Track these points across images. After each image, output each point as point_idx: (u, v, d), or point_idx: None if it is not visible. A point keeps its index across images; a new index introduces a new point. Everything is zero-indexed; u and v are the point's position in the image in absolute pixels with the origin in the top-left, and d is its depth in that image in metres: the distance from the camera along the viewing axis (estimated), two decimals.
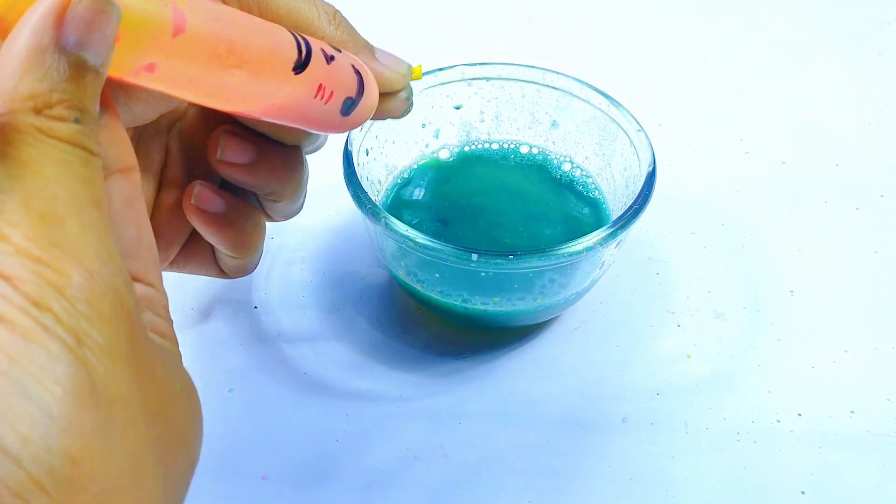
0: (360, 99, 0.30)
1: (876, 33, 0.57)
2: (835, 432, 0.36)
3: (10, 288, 0.16)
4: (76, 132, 0.18)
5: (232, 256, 0.33)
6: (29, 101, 0.17)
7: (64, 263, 0.17)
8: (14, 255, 0.16)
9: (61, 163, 0.18)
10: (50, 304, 0.16)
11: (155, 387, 0.19)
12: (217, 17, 0.23)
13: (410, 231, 0.34)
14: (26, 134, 0.17)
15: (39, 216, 0.17)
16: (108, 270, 0.18)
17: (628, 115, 0.39)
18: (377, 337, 0.39)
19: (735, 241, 0.44)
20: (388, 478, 0.34)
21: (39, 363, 0.16)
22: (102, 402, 0.17)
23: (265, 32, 0.25)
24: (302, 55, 0.26)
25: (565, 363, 0.39)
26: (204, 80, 0.23)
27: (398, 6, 0.60)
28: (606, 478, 0.34)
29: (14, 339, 0.16)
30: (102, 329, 0.17)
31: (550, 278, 0.35)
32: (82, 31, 0.18)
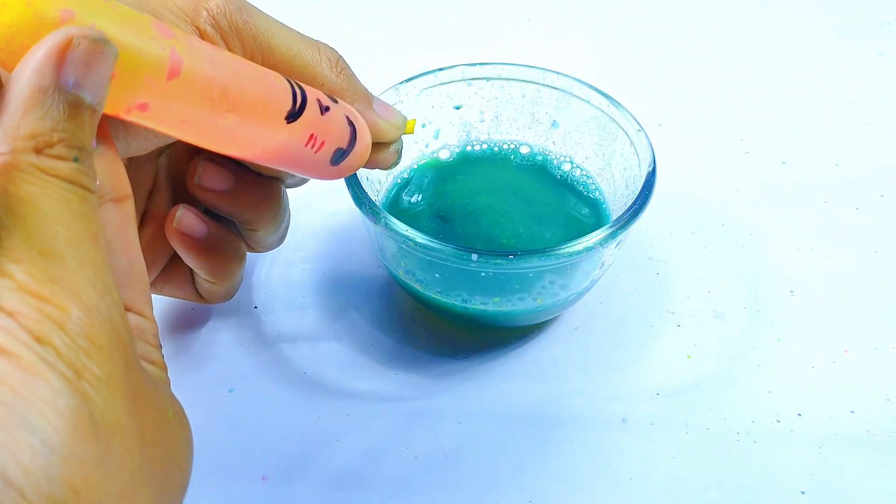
0: (351, 150, 0.30)
1: (876, 33, 0.57)
2: (835, 432, 0.36)
3: (13, 323, 0.17)
4: (75, 171, 0.18)
5: (210, 282, 0.33)
6: (31, 140, 0.18)
7: (64, 299, 0.17)
8: (17, 291, 0.17)
9: (61, 200, 0.18)
10: (51, 339, 0.17)
11: (149, 414, 0.20)
12: (214, 62, 0.23)
13: (410, 231, 0.34)
14: (27, 173, 0.18)
15: (40, 253, 0.17)
16: (105, 304, 0.18)
17: (628, 115, 0.39)
18: (377, 337, 0.39)
19: (735, 241, 0.44)
20: (389, 478, 0.34)
21: (42, 396, 0.16)
22: (101, 432, 0.17)
23: (261, 80, 0.25)
24: (296, 105, 0.27)
25: (565, 363, 0.39)
26: (196, 122, 0.23)
27: (398, 6, 0.60)
28: (606, 478, 0.34)
29: (17, 372, 0.16)
30: (100, 362, 0.18)
31: (550, 278, 0.35)
32: (81, 71, 0.18)
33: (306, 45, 0.29)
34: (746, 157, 0.49)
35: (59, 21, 0.18)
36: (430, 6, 0.60)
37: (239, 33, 0.27)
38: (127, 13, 0.20)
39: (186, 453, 0.22)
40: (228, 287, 0.34)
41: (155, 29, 0.21)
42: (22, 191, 0.17)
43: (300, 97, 0.27)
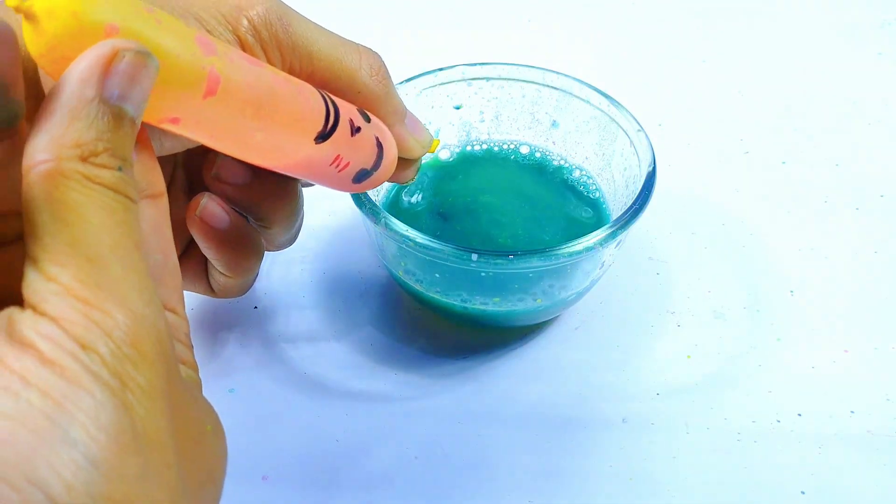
0: (375, 171, 0.30)
1: (876, 33, 0.58)
2: (835, 432, 0.36)
3: (58, 330, 0.17)
4: (119, 179, 0.18)
5: (226, 275, 0.33)
6: (76, 148, 0.18)
7: (110, 305, 0.17)
8: (63, 295, 0.17)
9: (105, 208, 0.18)
10: (96, 346, 0.17)
11: (187, 427, 0.19)
12: (250, 81, 0.23)
13: (410, 231, 0.34)
14: (73, 180, 0.18)
15: (87, 259, 0.17)
16: (150, 312, 0.18)
17: (628, 115, 0.39)
18: (377, 337, 0.39)
19: (735, 241, 0.44)
20: (388, 478, 0.34)
21: (85, 409, 0.16)
22: (142, 446, 0.17)
23: (295, 99, 0.25)
24: (327, 126, 0.27)
25: (565, 363, 0.39)
26: (224, 137, 0.23)
27: (398, 6, 0.60)
28: (606, 478, 0.34)
29: (61, 383, 0.16)
30: (144, 371, 0.18)
31: (550, 278, 0.35)
32: (126, 84, 0.18)
33: (347, 50, 0.29)
34: (746, 157, 0.49)
35: (105, 34, 0.18)
36: (430, 6, 0.60)
37: (279, 44, 0.27)
38: (171, 27, 0.20)
39: (222, 468, 0.21)
40: (243, 282, 0.34)
41: (197, 44, 0.21)
42: (67, 197, 0.17)
43: (332, 118, 0.27)
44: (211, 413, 0.21)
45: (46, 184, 0.17)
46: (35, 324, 0.17)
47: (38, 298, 0.17)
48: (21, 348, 0.16)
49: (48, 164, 0.17)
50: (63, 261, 0.17)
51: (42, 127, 0.18)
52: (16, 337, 0.17)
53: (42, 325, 0.17)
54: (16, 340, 0.17)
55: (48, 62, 0.18)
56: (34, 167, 0.17)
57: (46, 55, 0.18)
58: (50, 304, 0.17)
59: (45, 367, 0.16)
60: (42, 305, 0.17)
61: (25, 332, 0.17)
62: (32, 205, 0.17)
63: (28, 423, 0.16)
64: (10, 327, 0.17)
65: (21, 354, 0.16)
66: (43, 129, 0.18)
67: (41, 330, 0.17)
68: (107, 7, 0.18)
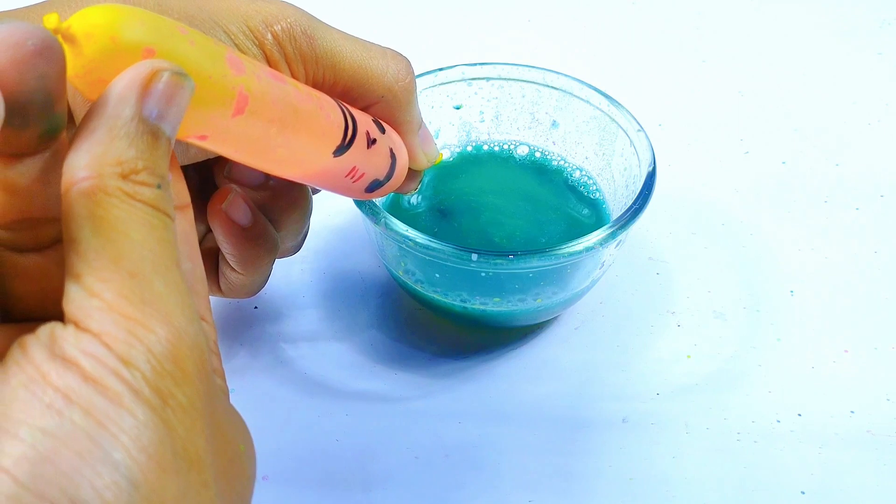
0: (387, 182, 0.31)
1: (876, 33, 0.57)
2: (835, 432, 0.36)
3: (101, 347, 0.17)
4: (159, 197, 0.19)
5: (238, 273, 0.33)
6: (117, 166, 0.18)
7: (153, 321, 0.17)
8: (106, 311, 0.17)
9: (146, 225, 0.18)
10: (139, 363, 0.17)
11: (223, 447, 0.19)
12: (276, 101, 0.23)
13: (410, 231, 0.34)
14: (114, 197, 0.18)
15: (130, 275, 0.17)
16: (192, 329, 0.18)
17: (628, 115, 0.39)
18: (377, 337, 0.39)
19: (735, 241, 0.44)
20: (388, 478, 0.34)
21: (126, 429, 0.16)
22: (182, 466, 0.17)
23: (317, 116, 0.26)
24: (346, 140, 0.27)
25: (565, 363, 0.39)
26: (248, 151, 0.24)
27: (398, 6, 0.60)
28: (606, 478, 0.34)
29: (103, 402, 0.16)
30: (185, 388, 0.18)
31: (550, 278, 0.35)
32: (163, 104, 0.18)
33: (373, 55, 0.29)
34: (746, 157, 0.49)
35: (142, 56, 0.18)
36: (430, 6, 0.60)
37: (303, 58, 0.28)
38: (204, 47, 0.20)
39: (251, 491, 0.21)
40: (253, 281, 0.34)
41: (228, 64, 0.21)
42: (109, 214, 0.18)
43: (350, 131, 0.28)
44: (245, 433, 0.21)
45: (88, 200, 0.17)
46: (78, 340, 0.17)
47: (82, 314, 0.17)
48: (64, 364, 0.16)
49: (90, 182, 0.18)
50: (106, 276, 0.17)
51: (82, 145, 0.18)
52: (58, 353, 0.17)
53: (85, 341, 0.17)
54: (58, 356, 0.17)
55: (84, 83, 0.19)
56: (75, 184, 0.18)
57: (83, 76, 0.18)
58: (93, 320, 0.17)
59: (87, 384, 0.16)
60: (85, 321, 0.17)
61: (68, 349, 0.17)
62: (74, 221, 0.18)
63: (71, 442, 0.16)
64: (52, 343, 0.17)
65: (64, 371, 0.16)
66: (83, 147, 0.18)
67: (84, 346, 0.17)
68: (144, 30, 0.19)
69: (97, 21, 0.18)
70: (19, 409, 0.16)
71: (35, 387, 0.16)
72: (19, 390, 0.16)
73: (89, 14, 0.18)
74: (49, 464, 0.15)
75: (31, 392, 0.16)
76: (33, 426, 0.16)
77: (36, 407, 0.16)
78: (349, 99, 0.29)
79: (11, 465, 0.15)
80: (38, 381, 0.16)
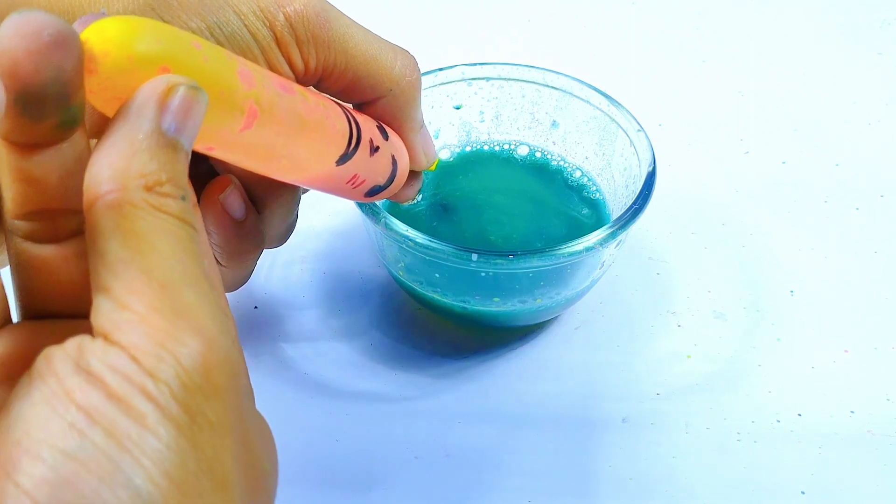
0: (388, 187, 0.31)
1: (876, 33, 0.58)
2: (835, 432, 0.36)
3: (129, 362, 0.16)
4: (184, 209, 0.19)
5: (223, 266, 0.33)
6: (141, 179, 0.18)
7: (185, 333, 0.17)
8: (137, 324, 0.17)
9: (173, 237, 0.18)
10: (168, 378, 0.17)
11: (250, 463, 0.19)
12: (284, 113, 0.23)
13: (410, 231, 0.34)
14: (141, 209, 0.18)
15: (160, 286, 0.17)
16: (224, 341, 0.18)
17: (628, 115, 0.39)
18: (377, 337, 0.39)
19: (735, 241, 0.44)
20: (388, 478, 0.34)
21: (149, 453, 0.16)
22: (206, 487, 0.17)
23: (322, 126, 0.26)
24: (349, 148, 0.27)
25: (565, 363, 0.39)
26: (252, 161, 0.24)
27: (399, 6, 0.60)
28: (606, 478, 0.34)
29: (127, 422, 0.16)
30: (215, 404, 0.17)
31: (550, 278, 0.35)
32: (181, 118, 0.19)
33: (383, 48, 0.29)
34: (746, 157, 0.49)
35: (157, 74, 0.19)
36: (429, 6, 0.60)
37: (315, 41, 0.27)
38: (217, 62, 0.20)
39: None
40: (235, 276, 0.34)
41: (240, 79, 0.21)
42: (136, 226, 0.17)
43: (355, 140, 0.28)
44: (272, 447, 0.21)
45: (115, 213, 0.17)
46: (105, 355, 0.17)
47: (111, 327, 0.17)
48: (88, 380, 0.16)
49: (115, 194, 0.17)
50: (137, 288, 0.17)
51: (103, 159, 0.18)
52: (84, 367, 0.16)
53: (112, 355, 0.16)
54: (83, 370, 0.16)
55: (100, 99, 0.19)
56: (100, 197, 0.17)
57: (98, 93, 0.18)
58: (123, 333, 0.17)
59: (111, 402, 0.16)
60: (115, 334, 0.17)
61: (94, 364, 0.16)
62: (101, 234, 0.17)
63: (92, 465, 0.16)
64: (79, 356, 0.17)
65: (88, 388, 0.16)
66: (105, 161, 0.18)
67: (111, 361, 0.16)
68: (160, 48, 0.19)
69: (114, 38, 0.18)
70: (41, 428, 0.16)
71: (58, 403, 0.16)
72: (42, 406, 0.16)
73: (106, 29, 0.18)
74: (70, 488, 0.15)
75: (53, 409, 0.16)
76: (54, 447, 0.16)
77: (58, 426, 0.16)
78: (358, 89, 0.29)
79: (32, 487, 0.15)
80: (62, 397, 0.16)
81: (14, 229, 0.20)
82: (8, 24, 0.17)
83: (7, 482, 0.15)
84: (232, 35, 0.25)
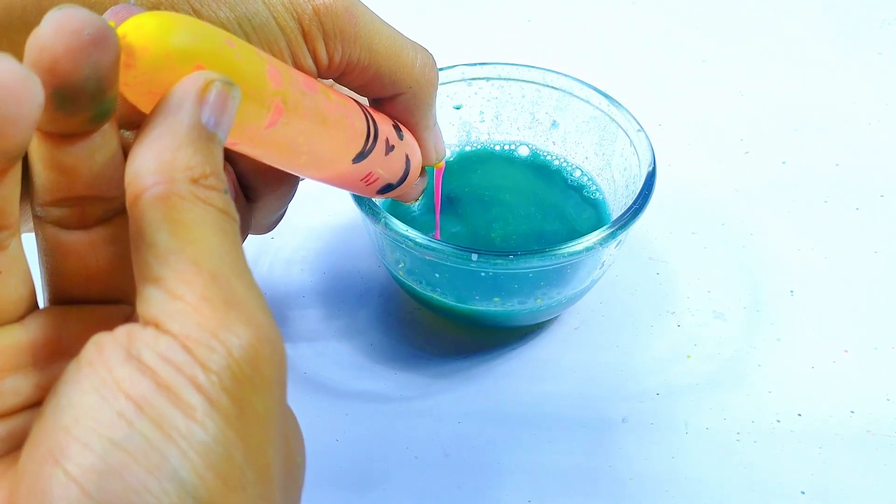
0: (399, 185, 0.32)
1: (876, 33, 0.58)
2: (835, 432, 0.36)
3: (181, 352, 0.16)
4: (227, 202, 0.19)
5: None
6: (187, 171, 0.18)
7: (237, 324, 0.17)
8: (189, 314, 0.17)
9: (220, 229, 0.18)
10: (219, 369, 0.17)
11: (288, 456, 0.19)
12: (307, 111, 0.24)
13: (410, 231, 0.34)
14: (188, 201, 0.18)
15: (212, 277, 0.17)
16: (274, 332, 0.18)
17: (628, 115, 0.39)
18: (377, 337, 0.39)
19: (735, 241, 0.44)
20: (388, 477, 0.34)
21: (195, 445, 0.16)
22: (249, 480, 0.17)
23: (342, 125, 0.26)
24: (366, 147, 0.28)
25: (565, 363, 0.39)
26: (271, 155, 0.24)
27: (399, 6, 0.60)
28: (606, 478, 0.34)
29: (175, 414, 0.16)
30: (263, 396, 0.17)
31: (550, 278, 0.35)
32: (218, 112, 0.19)
33: (405, 46, 0.29)
34: (746, 157, 0.49)
35: (191, 71, 0.19)
36: (429, 6, 0.60)
37: (342, 35, 0.27)
38: (248, 60, 0.21)
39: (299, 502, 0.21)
40: None
41: (268, 77, 0.22)
42: (186, 217, 0.18)
43: (372, 139, 0.28)
44: (301, 441, 0.21)
45: (164, 205, 0.17)
46: (157, 344, 0.17)
47: (163, 316, 0.17)
48: (139, 369, 0.16)
49: (163, 186, 0.18)
50: (188, 279, 0.17)
51: (147, 152, 0.18)
52: (135, 356, 0.16)
53: (163, 344, 0.16)
54: (134, 359, 0.16)
55: (135, 93, 0.19)
56: (147, 189, 0.18)
57: (134, 87, 0.19)
58: (175, 323, 0.17)
59: (160, 392, 0.16)
60: (167, 324, 0.17)
61: (145, 353, 0.16)
62: (149, 225, 0.17)
63: (139, 456, 0.16)
64: (129, 344, 0.17)
65: (138, 377, 0.16)
66: (149, 155, 0.18)
67: (162, 350, 0.16)
68: (195, 45, 0.19)
69: (152, 34, 0.18)
70: (90, 416, 0.16)
71: (107, 392, 0.16)
72: (91, 394, 0.16)
73: (145, 25, 0.18)
74: (117, 478, 0.15)
75: (102, 397, 0.16)
76: (103, 436, 0.16)
77: (107, 415, 0.16)
78: (378, 85, 0.29)
79: (80, 475, 0.15)
80: (111, 385, 0.16)
81: (44, 216, 0.20)
82: (48, 22, 0.17)
83: (55, 468, 0.16)
84: (260, 27, 0.25)
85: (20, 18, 0.23)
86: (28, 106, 0.16)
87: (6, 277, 0.19)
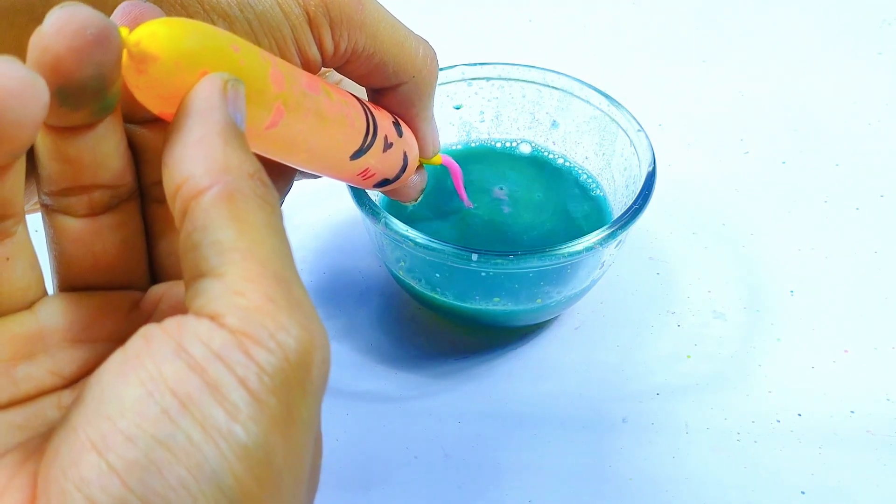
0: (396, 181, 0.32)
1: (876, 33, 0.58)
2: (835, 432, 0.36)
3: (236, 349, 0.16)
4: (276, 196, 0.19)
5: None
6: (241, 169, 0.18)
7: (296, 327, 0.17)
8: (252, 311, 0.17)
9: (278, 230, 0.18)
10: (272, 370, 0.16)
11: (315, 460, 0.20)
12: (308, 113, 0.24)
13: (410, 231, 0.34)
14: (251, 199, 0.18)
15: (275, 278, 0.17)
16: (326, 339, 0.18)
17: (628, 115, 0.39)
18: (377, 337, 0.39)
19: (735, 241, 0.44)
20: (388, 477, 0.34)
21: (235, 447, 0.16)
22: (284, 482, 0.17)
23: (342, 124, 0.26)
24: (364, 144, 0.28)
25: (565, 363, 0.39)
26: (271, 152, 0.24)
27: (398, 6, 0.60)
28: (606, 478, 0.34)
29: (219, 413, 0.16)
30: (309, 400, 0.17)
31: (550, 278, 0.35)
32: (238, 109, 0.19)
33: (408, 37, 0.29)
34: (746, 157, 0.49)
35: (198, 77, 0.19)
36: (430, 6, 0.60)
37: (349, 23, 0.27)
38: (252, 65, 0.21)
39: None
40: None
41: (271, 81, 0.22)
42: (251, 216, 0.18)
43: (370, 136, 0.28)
44: (321, 448, 0.21)
45: (228, 203, 0.17)
46: (210, 338, 0.16)
47: (223, 310, 0.17)
48: (188, 365, 0.16)
49: (222, 185, 0.17)
50: (253, 277, 0.17)
51: (194, 154, 0.18)
52: (184, 351, 0.16)
53: (218, 340, 0.16)
54: (184, 352, 0.16)
55: (146, 96, 0.19)
56: (205, 191, 0.17)
57: (145, 90, 0.19)
58: (235, 318, 0.16)
59: (207, 391, 0.16)
60: (226, 317, 0.17)
61: (195, 349, 0.16)
62: (214, 223, 0.17)
63: (181, 455, 0.16)
64: (180, 337, 0.17)
65: (186, 374, 0.16)
66: (198, 156, 0.18)
67: (216, 347, 0.16)
68: (203, 52, 0.19)
69: (164, 41, 0.18)
70: (135, 410, 0.16)
71: (153, 387, 0.16)
72: (137, 388, 0.16)
73: (157, 33, 0.18)
74: (158, 475, 0.15)
75: (148, 392, 0.16)
76: (147, 432, 0.16)
77: (152, 411, 0.16)
78: (381, 75, 0.29)
79: (123, 469, 0.15)
80: (157, 380, 0.16)
81: (51, 204, 0.20)
82: (51, 20, 0.17)
83: (98, 458, 0.16)
84: (263, 13, 0.25)
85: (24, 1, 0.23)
86: (33, 108, 0.16)
87: (14, 263, 0.19)
